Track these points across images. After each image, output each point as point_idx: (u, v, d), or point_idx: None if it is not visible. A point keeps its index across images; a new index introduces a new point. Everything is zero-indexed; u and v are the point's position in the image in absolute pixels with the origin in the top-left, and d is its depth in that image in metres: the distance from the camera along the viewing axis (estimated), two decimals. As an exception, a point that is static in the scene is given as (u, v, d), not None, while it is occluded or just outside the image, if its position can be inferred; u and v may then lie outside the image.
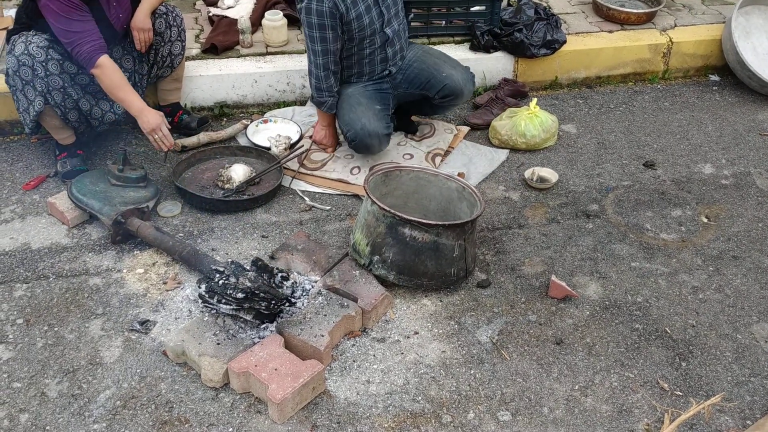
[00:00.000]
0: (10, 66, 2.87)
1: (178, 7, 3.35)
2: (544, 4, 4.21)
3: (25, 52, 2.84)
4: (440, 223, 2.52)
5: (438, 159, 3.31)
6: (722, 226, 3.04)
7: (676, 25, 4.16)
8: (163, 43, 3.21)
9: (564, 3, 4.37)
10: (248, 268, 2.48)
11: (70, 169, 3.13)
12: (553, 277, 2.65)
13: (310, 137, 3.41)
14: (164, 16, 3.18)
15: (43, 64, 2.86)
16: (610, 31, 4.08)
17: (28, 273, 2.70)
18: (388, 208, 2.50)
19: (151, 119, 2.93)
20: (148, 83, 3.32)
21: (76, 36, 2.79)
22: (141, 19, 3.06)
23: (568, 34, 3.97)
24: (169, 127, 3.04)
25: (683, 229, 3.02)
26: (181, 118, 3.46)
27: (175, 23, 3.22)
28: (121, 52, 3.14)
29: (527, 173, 3.26)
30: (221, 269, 2.44)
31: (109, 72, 2.87)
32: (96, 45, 2.83)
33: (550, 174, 3.26)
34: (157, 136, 2.96)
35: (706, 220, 3.07)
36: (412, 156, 3.32)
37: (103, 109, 3.12)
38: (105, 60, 2.85)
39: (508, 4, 4.06)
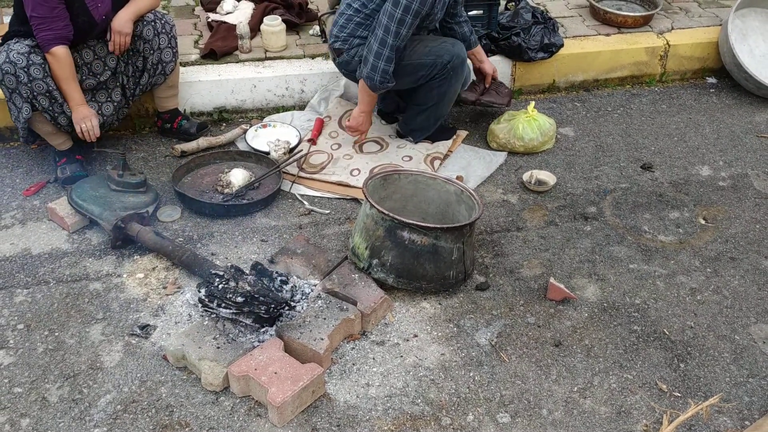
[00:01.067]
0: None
1: (170, 14, 3.34)
2: (542, 8, 4.22)
3: (7, 60, 2.85)
4: (439, 226, 2.53)
5: (437, 162, 3.33)
6: (720, 228, 3.05)
7: (672, 28, 4.18)
8: (152, 51, 3.19)
9: (561, 7, 4.39)
10: (248, 272, 2.49)
11: (70, 174, 3.14)
12: (552, 280, 2.66)
13: (308, 140, 3.42)
14: (152, 23, 3.15)
15: (25, 69, 2.86)
16: (608, 35, 4.10)
17: (29, 278, 2.71)
18: (386, 212, 2.51)
19: (84, 111, 3.01)
20: (143, 91, 3.31)
21: (40, 21, 2.82)
22: (121, 22, 3.03)
23: (566, 37, 3.99)
24: (98, 131, 3.07)
25: (681, 230, 3.03)
26: (180, 124, 3.47)
27: (164, 30, 3.19)
28: (105, 50, 3.13)
29: (525, 176, 3.28)
30: (221, 273, 2.45)
31: (60, 63, 2.89)
32: (58, 34, 2.86)
33: (548, 177, 3.28)
34: (84, 126, 3.01)
35: (703, 222, 3.08)
36: (411, 158, 3.33)
37: None
38: (61, 50, 2.87)
39: (506, 8, 4.08)
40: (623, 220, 3.08)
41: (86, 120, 3.01)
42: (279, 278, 2.52)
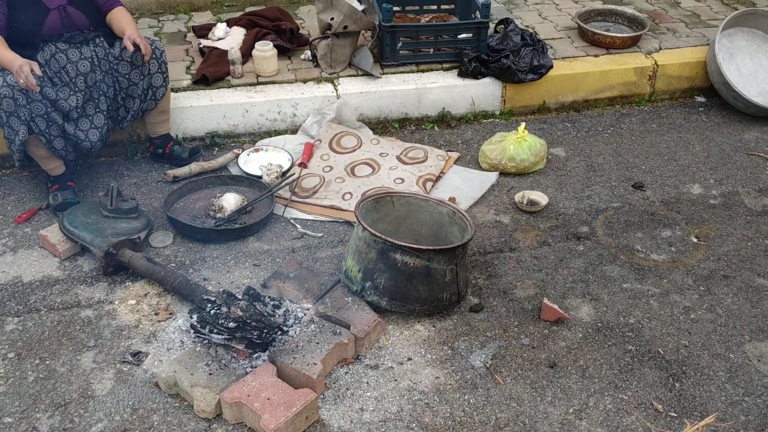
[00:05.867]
0: None
1: (163, 41, 3.35)
2: (531, 30, 4.27)
3: (4, 84, 2.85)
4: (431, 248, 2.53)
5: (429, 184, 3.34)
6: (712, 246, 3.05)
7: (660, 48, 4.22)
8: (142, 77, 3.21)
9: (550, 29, 4.44)
10: (240, 297, 2.48)
11: (62, 201, 3.13)
12: (546, 300, 2.66)
13: (299, 165, 3.43)
14: (140, 53, 3.16)
15: (24, 92, 2.87)
16: (596, 56, 4.14)
17: (20, 306, 2.69)
18: (379, 234, 2.51)
19: (17, 63, 2.82)
20: (135, 118, 3.31)
21: None
22: (131, 34, 3.08)
23: (555, 59, 4.02)
24: (40, 73, 2.88)
25: (673, 249, 3.04)
26: (172, 149, 3.47)
27: (154, 56, 3.21)
28: (77, 55, 3.07)
29: (517, 197, 3.29)
30: (213, 299, 2.44)
31: None
32: None
33: (540, 197, 3.29)
34: (26, 82, 2.83)
35: (695, 240, 3.09)
36: (403, 180, 3.34)
37: (83, 129, 3.11)
38: None
39: (495, 31, 4.12)
40: (616, 239, 3.09)
41: (21, 73, 2.80)
42: (271, 303, 2.51)
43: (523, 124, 3.54)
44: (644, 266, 2.93)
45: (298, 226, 3.12)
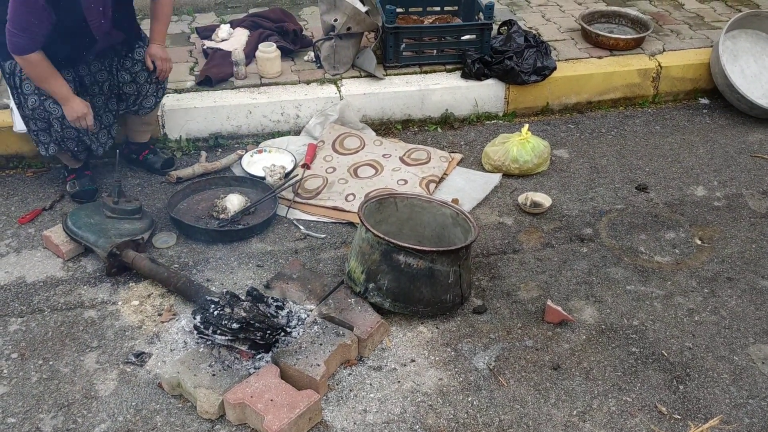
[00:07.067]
0: (26, 116, 2.94)
1: (166, 41, 3.28)
2: (534, 32, 4.26)
3: (40, 106, 2.88)
4: (435, 249, 2.53)
5: (432, 185, 3.33)
6: (716, 248, 3.05)
7: (664, 50, 4.22)
8: (136, 92, 3.19)
9: (553, 30, 4.43)
10: (243, 298, 2.48)
11: (79, 189, 3.20)
12: (549, 302, 2.65)
13: (302, 166, 3.43)
14: (146, 71, 3.16)
15: (60, 120, 2.92)
16: (600, 57, 4.13)
17: (23, 307, 2.70)
18: (382, 236, 2.51)
19: (76, 108, 2.89)
20: (121, 112, 3.30)
21: (24, 28, 2.67)
22: (160, 49, 3.14)
23: (558, 60, 4.02)
24: (92, 114, 2.97)
25: (677, 251, 3.03)
26: (146, 157, 3.45)
27: (156, 80, 3.20)
28: (97, 66, 3.09)
29: (521, 198, 3.28)
30: (216, 300, 2.44)
31: (39, 66, 2.77)
32: (36, 41, 2.73)
33: (543, 199, 3.28)
34: (80, 125, 2.94)
35: (699, 242, 3.08)
36: (406, 181, 3.34)
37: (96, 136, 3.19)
38: (36, 56, 2.75)
39: (498, 33, 4.12)
40: (619, 241, 3.08)
41: (82, 120, 2.92)
42: (275, 304, 2.51)
43: (527, 126, 3.54)
44: (648, 268, 2.92)
45: (301, 227, 3.12)
